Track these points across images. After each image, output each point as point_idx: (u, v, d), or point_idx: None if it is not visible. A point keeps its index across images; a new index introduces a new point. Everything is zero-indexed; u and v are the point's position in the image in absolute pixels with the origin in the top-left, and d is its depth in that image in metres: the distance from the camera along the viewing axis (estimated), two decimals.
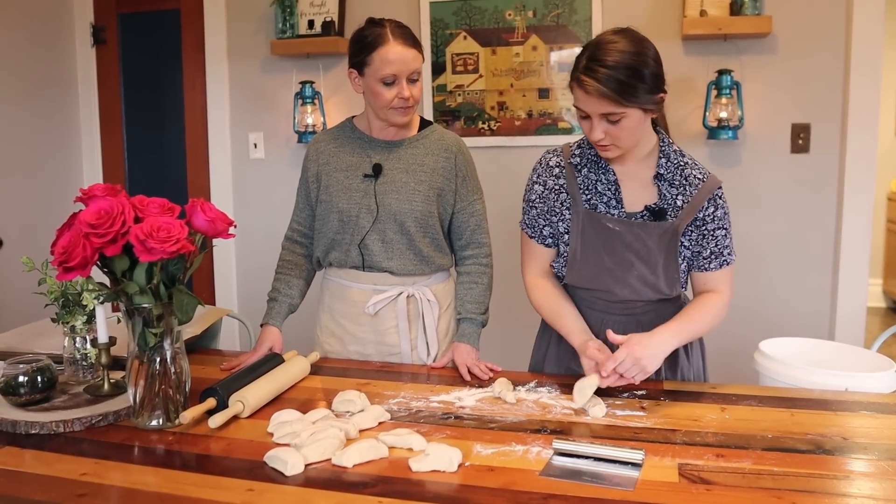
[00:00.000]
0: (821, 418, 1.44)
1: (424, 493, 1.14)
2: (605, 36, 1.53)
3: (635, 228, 1.62)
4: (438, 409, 1.51)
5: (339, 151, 1.94)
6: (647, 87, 1.50)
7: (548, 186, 1.71)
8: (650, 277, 1.63)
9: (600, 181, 1.66)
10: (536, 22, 3.08)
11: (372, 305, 1.90)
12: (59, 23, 3.52)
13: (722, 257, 1.66)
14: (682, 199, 1.62)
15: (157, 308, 1.38)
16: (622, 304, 1.69)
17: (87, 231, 1.29)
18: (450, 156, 1.92)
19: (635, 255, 1.63)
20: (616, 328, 1.65)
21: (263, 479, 1.20)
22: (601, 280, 1.66)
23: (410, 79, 1.80)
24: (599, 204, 1.66)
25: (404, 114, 1.84)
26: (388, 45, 1.77)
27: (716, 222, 1.63)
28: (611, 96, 1.48)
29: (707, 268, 1.66)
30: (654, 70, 1.51)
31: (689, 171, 1.64)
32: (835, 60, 2.85)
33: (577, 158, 1.70)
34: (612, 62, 1.47)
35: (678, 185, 1.63)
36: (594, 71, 1.48)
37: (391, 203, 1.86)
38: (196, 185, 3.59)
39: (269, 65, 3.42)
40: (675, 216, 1.62)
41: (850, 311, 2.91)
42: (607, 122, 1.53)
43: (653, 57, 1.52)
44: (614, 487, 1.15)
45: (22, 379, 1.46)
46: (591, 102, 1.51)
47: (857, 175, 2.85)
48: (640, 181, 1.65)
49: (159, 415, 1.41)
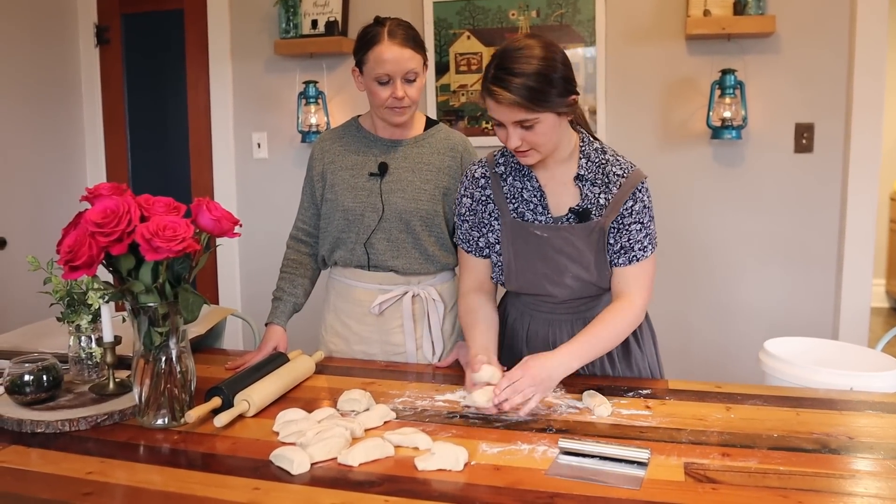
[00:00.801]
0: (826, 418, 1.44)
1: (431, 492, 1.14)
2: (513, 44, 1.51)
3: (563, 232, 1.62)
4: (444, 409, 1.51)
5: (344, 150, 1.94)
6: (557, 91, 1.49)
7: (475, 198, 1.71)
8: (585, 276, 1.63)
9: (525, 188, 1.66)
10: (540, 22, 3.08)
11: (377, 305, 1.90)
12: (62, 23, 3.52)
13: (632, 252, 1.62)
14: (605, 197, 1.61)
15: (162, 307, 1.38)
16: (565, 305, 1.70)
17: (93, 230, 1.29)
18: (456, 155, 1.92)
19: (567, 257, 1.63)
20: (564, 328, 1.69)
21: (269, 477, 1.20)
22: (539, 285, 1.66)
23: (406, 79, 1.79)
24: (526, 211, 1.66)
25: (400, 113, 1.84)
26: (382, 44, 1.76)
27: (633, 216, 1.61)
28: (522, 104, 1.46)
29: (616, 262, 1.63)
30: (563, 73, 1.50)
31: (610, 167, 1.62)
32: (839, 60, 2.85)
33: (502, 167, 1.69)
34: (520, 70, 1.46)
35: (600, 183, 1.62)
36: (503, 80, 1.47)
37: (397, 202, 1.86)
38: (199, 185, 3.59)
39: (273, 65, 3.42)
40: (599, 215, 1.61)
41: (853, 310, 2.90)
42: (522, 129, 1.51)
43: (561, 61, 1.50)
44: (620, 486, 1.15)
45: (27, 378, 1.47)
46: (504, 111, 1.49)
47: (861, 175, 2.85)
48: (563, 184, 1.64)
49: (164, 414, 1.42)
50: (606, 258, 1.63)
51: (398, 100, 1.80)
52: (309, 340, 2.08)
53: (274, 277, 2.01)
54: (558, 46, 1.53)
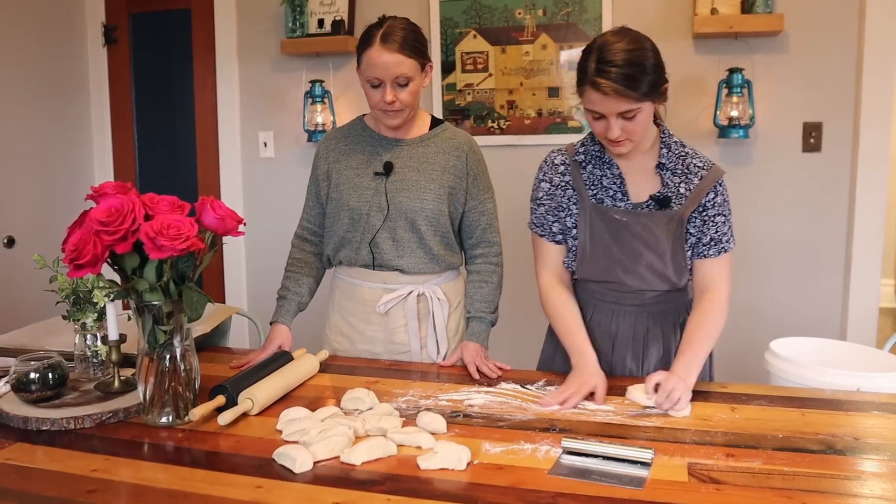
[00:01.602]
0: (832, 418, 1.43)
1: (433, 492, 1.14)
2: (607, 38, 1.57)
3: (642, 218, 1.66)
4: (447, 408, 1.51)
5: (349, 149, 1.94)
6: (654, 80, 1.54)
7: (554, 183, 1.75)
8: (659, 266, 1.66)
9: (605, 176, 1.70)
10: (546, 20, 3.07)
11: (382, 304, 1.91)
12: (70, 23, 3.54)
13: (720, 244, 1.67)
14: (685, 187, 1.66)
15: (166, 305, 1.38)
16: (633, 295, 1.72)
17: (98, 228, 1.30)
18: (461, 154, 1.91)
19: (643, 244, 1.66)
20: (628, 319, 1.72)
21: (272, 476, 1.20)
22: (611, 272, 1.69)
23: (397, 83, 1.78)
24: (605, 198, 1.69)
25: (391, 116, 1.83)
26: (373, 48, 1.75)
27: (716, 208, 1.66)
28: (627, 94, 1.51)
29: (706, 254, 1.67)
30: (656, 61, 1.56)
31: (691, 160, 1.68)
32: (847, 58, 2.83)
33: (581, 156, 1.74)
34: (622, 61, 1.51)
35: (680, 173, 1.67)
36: (607, 72, 1.51)
37: (402, 201, 1.86)
38: (206, 184, 3.60)
39: (280, 64, 3.42)
40: (679, 204, 1.65)
41: (861, 311, 2.89)
42: (623, 120, 1.56)
43: (653, 49, 1.57)
44: (623, 486, 1.15)
45: (33, 376, 1.47)
46: (608, 103, 1.53)
47: (870, 174, 2.83)
48: (644, 172, 1.70)
49: (169, 412, 1.42)
50: (683, 249, 1.66)
51: (388, 104, 1.79)
52: (313, 339, 2.08)
53: (281, 276, 2.01)
54: (646, 36, 1.58)
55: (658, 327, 1.73)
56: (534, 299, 1.81)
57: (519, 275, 3.05)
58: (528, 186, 2.93)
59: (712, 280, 1.67)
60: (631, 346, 1.73)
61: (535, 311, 3.13)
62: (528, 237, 1.84)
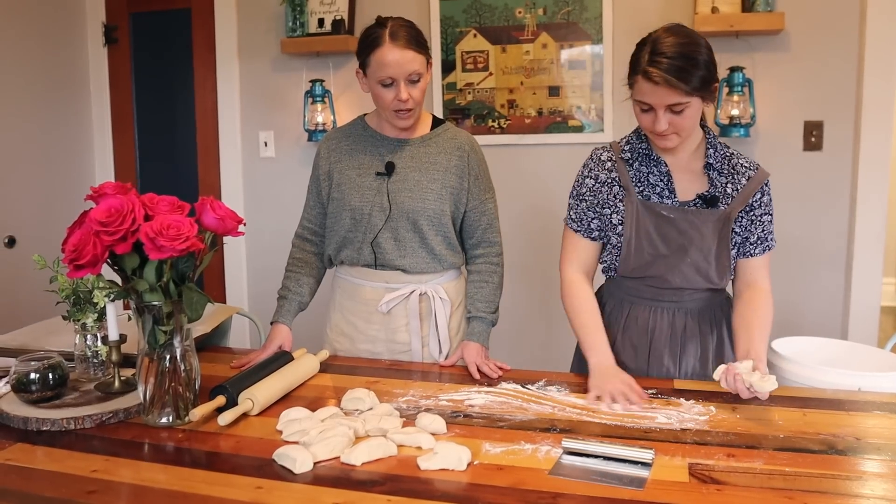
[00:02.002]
0: (833, 418, 1.42)
1: (433, 492, 1.14)
2: (661, 32, 1.59)
3: (689, 215, 1.68)
4: (447, 408, 1.50)
5: (351, 149, 1.93)
6: (707, 76, 1.56)
7: (599, 180, 1.75)
8: (703, 264, 1.68)
9: (652, 173, 1.72)
10: (547, 20, 3.07)
11: (385, 303, 1.90)
12: (70, 22, 3.53)
13: (766, 243, 1.72)
14: (732, 187, 1.68)
15: (166, 306, 1.38)
16: (672, 292, 1.73)
17: (98, 229, 1.29)
18: (463, 154, 1.91)
19: (689, 241, 1.67)
20: (665, 315, 1.74)
21: (272, 476, 1.20)
22: (655, 267, 1.70)
23: (409, 80, 1.78)
24: (652, 195, 1.71)
25: (405, 117, 1.83)
26: (383, 47, 1.75)
27: (763, 208, 1.70)
28: (679, 86, 1.53)
29: (753, 253, 1.71)
30: (710, 59, 1.58)
31: (737, 160, 1.71)
32: (848, 57, 2.83)
33: (628, 154, 1.75)
34: (676, 53, 1.54)
35: (727, 173, 1.69)
36: (661, 63, 1.54)
37: (404, 201, 1.86)
38: (207, 184, 3.60)
39: (280, 63, 3.42)
40: (726, 204, 1.68)
41: (863, 310, 2.88)
42: (671, 113, 1.58)
43: (707, 47, 1.58)
44: (624, 487, 1.15)
45: (33, 376, 1.47)
46: (659, 94, 1.55)
47: (871, 173, 2.82)
48: (691, 172, 1.72)
49: (169, 412, 1.42)
50: (728, 249, 1.68)
51: (402, 102, 1.79)
52: (314, 339, 2.08)
53: (281, 275, 2.01)
54: (700, 35, 1.60)
55: (696, 325, 1.74)
56: (535, 299, 1.81)
57: (521, 274, 3.05)
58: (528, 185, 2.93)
59: (757, 276, 1.72)
60: (668, 343, 1.73)
61: (537, 311, 3.13)
62: (529, 236, 1.84)
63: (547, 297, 3.12)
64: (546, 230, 3.02)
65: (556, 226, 2.61)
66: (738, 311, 1.70)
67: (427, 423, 1.37)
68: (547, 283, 3.11)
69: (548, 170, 3.13)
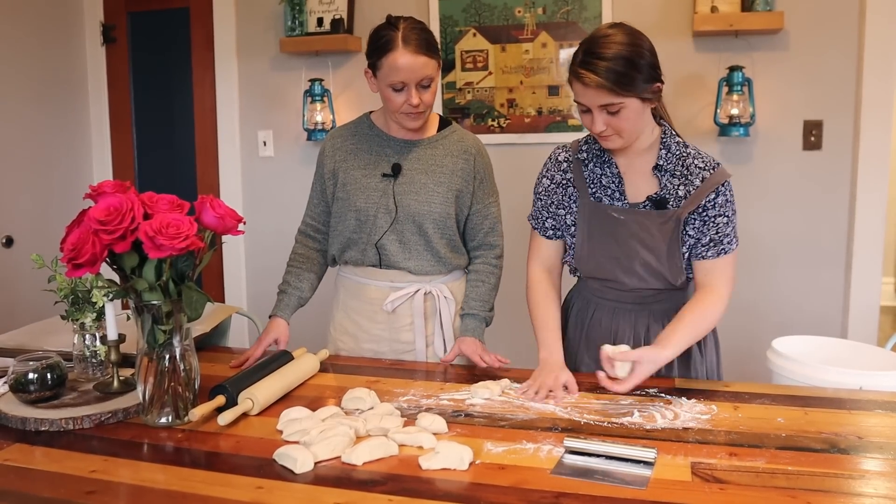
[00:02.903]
0: (835, 417, 1.42)
1: (435, 492, 1.13)
2: (600, 31, 1.59)
3: (639, 217, 1.67)
4: (448, 407, 1.50)
5: (356, 148, 1.92)
6: (643, 77, 1.54)
7: (555, 181, 1.77)
8: (655, 265, 1.67)
9: (605, 174, 1.71)
10: (546, 19, 3.06)
11: (390, 303, 1.90)
12: (69, 21, 3.53)
13: (720, 246, 1.65)
14: (685, 189, 1.65)
15: (166, 305, 1.37)
16: (632, 294, 1.73)
17: (97, 228, 1.29)
18: (469, 157, 1.90)
19: (640, 242, 1.67)
20: (627, 317, 1.74)
21: (273, 476, 1.19)
22: (609, 269, 1.71)
23: (421, 85, 1.76)
24: (604, 196, 1.71)
25: (415, 118, 1.82)
26: (396, 51, 1.72)
27: (717, 209, 1.64)
28: (609, 87, 1.52)
29: (704, 255, 1.66)
30: (649, 60, 1.56)
31: (692, 161, 1.66)
32: (848, 56, 2.82)
33: (584, 154, 1.75)
34: (608, 54, 1.52)
35: (679, 175, 1.66)
36: (591, 64, 1.53)
37: (410, 204, 1.85)
38: (205, 183, 3.60)
39: (279, 63, 3.41)
40: (677, 205, 1.65)
41: (862, 309, 2.88)
42: (607, 114, 1.57)
43: (647, 48, 1.57)
44: (626, 486, 1.14)
45: (32, 376, 1.46)
46: (590, 95, 1.55)
47: (871, 172, 2.82)
48: (642, 173, 1.70)
49: (168, 412, 1.41)
50: (679, 250, 1.67)
51: (413, 106, 1.77)
52: (316, 338, 2.07)
53: (280, 275, 2.00)
54: (644, 35, 1.60)
55: (658, 325, 1.72)
56: None
57: (520, 272, 3.05)
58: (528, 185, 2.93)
59: (713, 279, 1.66)
60: (632, 344, 1.71)
61: None
62: (526, 238, 1.85)
63: None
64: None
65: None
66: (686, 305, 1.67)
67: (428, 423, 1.36)
68: None
69: None
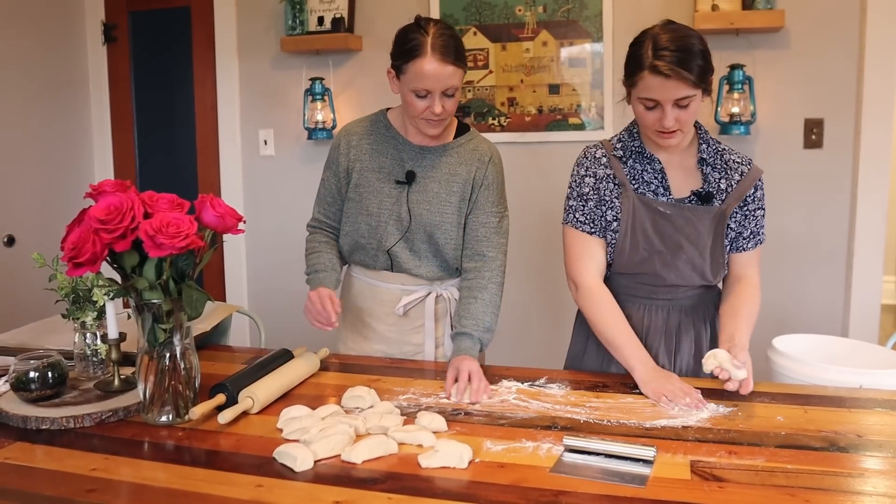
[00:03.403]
0: (835, 415, 1.42)
1: (434, 490, 1.14)
2: (656, 29, 1.59)
3: (685, 212, 1.67)
4: (448, 406, 1.50)
5: (372, 150, 1.87)
6: (707, 68, 1.57)
7: (598, 176, 1.73)
8: (698, 261, 1.68)
9: (646, 170, 1.71)
10: (547, 17, 3.06)
11: (402, 307, 1.88)
12: (70, 21, 3.53)
13: (758, 237, 1.73)
14: (726, 183, 1.69)
15: (166, 304, 1.38)
16: (666, 289, 1.73)
17: (97, 227, 1.29)
18: (482, 166, 1.86)
19: (685, 237, 1.67)
20: (659, 314, 1.73)
21: (272, 474, 1.19)
22: (649, 264, 1.70)
23: (445, 93, 1.72)
24: (647, 192, 1.70)
25: (435, 126, 1.78)
26: (423, 58, 1.67)
27: (756, 202, 1.71)
28: (691, 80, 1.53)
29: (745, 248, 1.72)
30: (707, 51, 1.58)
31: (728, 155, 1.72)
32: (849, 55, 2.82)
33: (620, 151, 1.73)
34: (679, 46, 1.53)
35: (720, 168, 1.70)
36: (667, 56, 1.53)
37: (423, 213, 1.83)
38: (206, 182, 3.60)
39: (280, 62, 3.42)
40: (721, 200, 1.68)
41: (863, 307, 2.88)
42: (678, 109, 1.57)
43: (703, 40, 1.58)
44: (626, 484, 1.14)
45: (33, 375, 1.47)
46: (668, 87, 1.54)
47: (872, 170, 2.82)
48: (685, 168, 1.72)
49: (169, 410, 1.41)
50: (723, 245, 1.69)
51: (435, 115, 1.74)
52: (317, 336, 2.06)
53: (281, 273, 2.00)
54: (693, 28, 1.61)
55: (690, 321, 1.74)
56: (535, 297, 1.80)
57: (521, 273, 3.05)
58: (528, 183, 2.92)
59: (749, 269, 1.73)
60: (663, 340, 1.73)
61: (537, 309, 3.12)
62: (529, 234, 1.83)
63: (547, 296, 3.12)
64: (546, 227, 3.02)
65: (556, 223, 2.60)
66: (728, 301, 1.71)
67: (427, 422, 1.36)
68: (547, 281, 3.10)
69: (548, 167, 3.12)
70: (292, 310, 3.43)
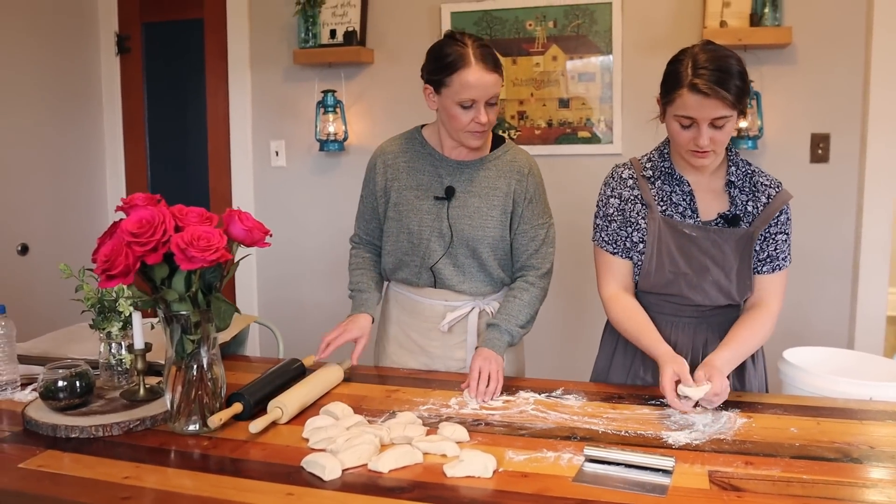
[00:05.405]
0: (847, 427, 1.45)
1: (461, 499, 1.17)
2: (700, 47, 1.59)
3: (712, 234, 1.68)
4: (469, 416, 1.53)
5: (409, 167, 1.90)
6: (746, 91, 1.56)
7: (623, 198, 1.74)
8: (724, 283, 1.68)
9: (675, 192, 1.71)
10: (557, 32, 3.10)
11: (446, 324, 1.89)
12: (83, 32, 3.57)
13: (776, 262, 1.71)
14: (753, 206, 1.69)
15: (195, 315, 1.41)
16: (692, 308, 1.73)
17: (129, 240, 1.32)
18: (522, 179, 1.87)
19: (711, 260, 1.68)
20: (686, 330, 1.73)
21: (302, 483, 1.22)
22: (675, 285, 1.70)
23: (489, 103, 1.75)
24: (675, 214, 1.70)
25: (479, 137, 1.80)
26: (469, 68, 1.70)
27: (779, 227, 1.71)
28: (728, 98, 1.52)
29: (760, 270, 1.71)
30: (745, 74, 1.57)
31: (758, 178, 1.71)
32: (855, 71, 2.86)
33: (649, 171, 1.74)
34: (718, 66, 1.53)
35: (748, 191, 1.70)
36: (706, 75, 1.52)
37: (464, 229, 1.84)
38: (218, 193, 3.63)
39: (292, 74, 3.46)
40: (748, 223, 1.68)
41: (869, 320, 2.91)
42: (713, 129, 1.57)
43: (739, 61, 1.57)
44: (647, 494, 1.17)
45: (61, 384, 1.50)
46: (706, 106, 1.53)
47: (877, 185, 2.85)
48: (713, 190, 1.71)
49: (196, 420, 1.44)
50: (750, 267, 1.69)
51: (481, 124, 1.76)
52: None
53: (292, 284, 2.02)
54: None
55: (716, 338, 1.72)
56: (553, 308, 1.81)
57: None
58: None
59: (766, 295, 1.71)
60: (690, 358, 1.71)
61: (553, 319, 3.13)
62: None
63: (563, 306, 3.14)
64: (559, 238, 3.04)
65: (569, 234, 2.63)
66: (739, 321, 1.69)
67: (450, 432, 1.39)
68: (561, 291, 3.13)
69: (558, 180, 3.14)
70: (303, 320, 3.46)
